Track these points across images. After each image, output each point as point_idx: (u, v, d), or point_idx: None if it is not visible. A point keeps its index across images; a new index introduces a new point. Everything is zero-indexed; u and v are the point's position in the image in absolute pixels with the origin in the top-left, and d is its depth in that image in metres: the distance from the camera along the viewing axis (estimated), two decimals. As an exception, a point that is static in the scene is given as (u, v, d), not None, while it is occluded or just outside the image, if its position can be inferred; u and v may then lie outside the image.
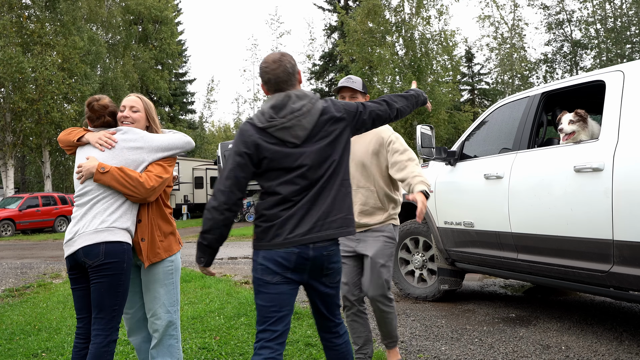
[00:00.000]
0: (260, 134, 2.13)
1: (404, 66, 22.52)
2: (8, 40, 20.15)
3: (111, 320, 2.43)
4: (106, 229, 2.42)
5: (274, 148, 2.13)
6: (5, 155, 21.49)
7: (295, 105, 2.14)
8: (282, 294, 2.15)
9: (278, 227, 2.13)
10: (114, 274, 2.42)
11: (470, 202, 4.57)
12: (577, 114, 3.64)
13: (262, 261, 2.14)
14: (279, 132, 2.13)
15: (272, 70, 2.17)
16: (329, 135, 2.20)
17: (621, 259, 3.20)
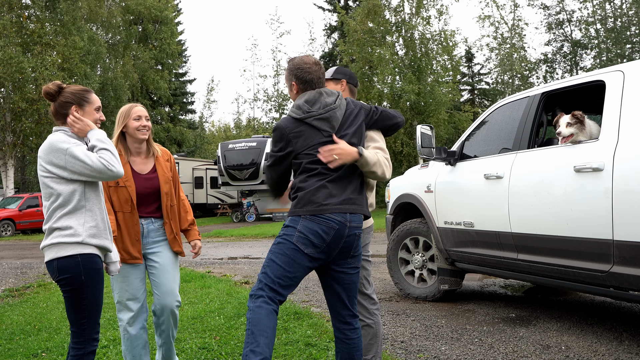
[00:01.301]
0: (298, 125, 2.42)
1: (404, 66, 22.52)
2: (8, 40, 20.15)
3: (82, 334, 2.34)
4: (56, 245, 2.29)
5: (312, 134, 2.41)
6: (5, 155, 21.49)
7: (328, 100, 2.43)
8: (304, 267, 2.34)
9: (312, 194, 2.36)
10: (73, 289, 2.29)
11: (470, 202, 4.57)
12: (574, 116, 3.64)
13: (303, 230, 2.32)
14: (317, 122, 2.40)
15: (314, 72, 2.46)
16: (352, 126, 2.49)
17: (621, 259, 3.20)
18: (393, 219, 5.79)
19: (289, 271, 2.33)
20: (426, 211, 5.11)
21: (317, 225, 2.32)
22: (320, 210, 2.33)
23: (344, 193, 2.42)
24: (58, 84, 2.41)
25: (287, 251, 2.33)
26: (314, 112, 2.39)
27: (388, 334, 4.08)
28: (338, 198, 2.38)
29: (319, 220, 2.33)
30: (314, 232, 2.31)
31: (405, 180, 5.66)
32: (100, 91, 25.06)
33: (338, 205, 2.37)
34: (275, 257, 2.36)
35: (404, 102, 22.42)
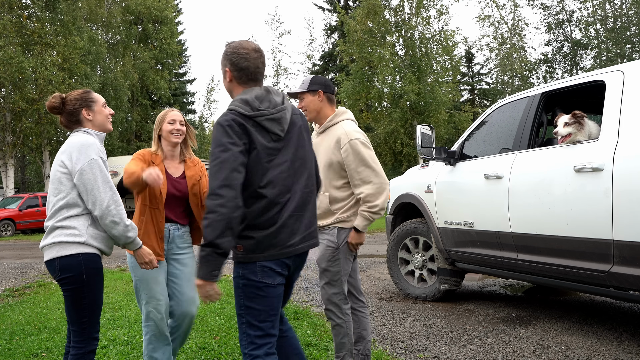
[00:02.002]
0: (248, 123, 2.01)
1: (404, 66, 22.52)
2: (8, 40, 20.13)
3: (82, 332, 2.35)
4: (58, 243, 2.29)
5: (261, 139, 2.03)
6: (5, 155, 21.48)
7: (277, 99, 2.12)
8: (279, 296, 2.10)
9: (272, 236, 2.03)
10: (75, 288, 2.30)
11: (470, 202, 4.57)
12: (572, 116, 3.65)
13: (265, 263, 2.03)
14: (268, 122, 2.05)
15: (252, 59, 2.10)
16: (299, 133, 2.20)
17: (621, 259, 3.20)
18: (393, 219, 5.79)
19: (270, 308, 2.06)
20: (426, 211, 5.11)
21: (278, 260, 2.07)
22: (283, 254, 2.06)
23: (302, 223, 2.13)
24: (59, 96, 2.45)
25: (256, 291, 2.03)
26: (264, 110, 2.05)
27: (388, 334, 4.08)
28: (300, 234, 2.11)
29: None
30: (277, 263, 2.06)
31: (405, 180, 5.66)
32: (101, 91, 24.99)
33: (300, 245, 2.11)
34: (249, 302, 2.05)
35: (404, 102, 22.42)
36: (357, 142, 2.83)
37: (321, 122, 2.98)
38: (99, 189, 2.28)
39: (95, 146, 2.35)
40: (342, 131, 2.87)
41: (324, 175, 2.88)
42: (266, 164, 2.03)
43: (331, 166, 2.88)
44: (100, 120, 2.48)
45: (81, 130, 2.43)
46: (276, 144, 2.08)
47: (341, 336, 2.91)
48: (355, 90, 22.63)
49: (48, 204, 2.39)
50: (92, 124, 2.46)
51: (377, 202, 2.83)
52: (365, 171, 2.83)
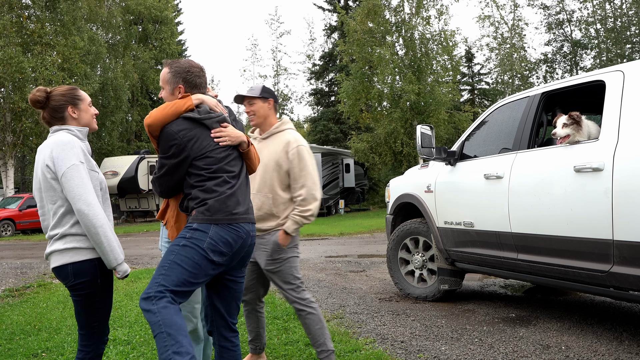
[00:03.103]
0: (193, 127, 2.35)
1: (404, 66, 22.51)
2: (8, 40, 20.13)
3: (92, 336, 2.35)
4: (71, 249, 2.25)
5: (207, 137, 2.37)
6: (5, 155, 21.48)
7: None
8: (207, 274, 2.28)
9: (222, 202, 2.31)
10: (88, 293, 2.29)
11: (470, 202, 4.57)
12: (570, 117, 3.65)
13: (215, 237, 2.26)
14: (217, 125, 2.41)
15: (202, 77, 2.51)
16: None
17: (621, 259, 3.20)
18: (393, 219, 5.79)
19: (193, 276, 2.23)
20: (426, 211, 5.11)
21: (227, 234, 2.29)
22: (231, 219, 2.31)
23: (245, 201, 2.43)
24: (44, 89, 2.37)
25: (195, 256, 2.23)
26: (213, 114, 2.41)
27: (388, 334, 4.08)
28: (244, 207, 2.39)
29: (229, 228, 2.30)
30: (224, 241, 2.28)
31: (405, 180, 5.66)
32: (100, 91, 25.05)
33: (244, 215, 2.38)
34: (180, 260, 2.22)
35: (404, 102, 22.41)
36: (304, 149, 3.05)
37: (266, 129, 3.17)
38: (79, 197, 2.19)
39: (77, 148, 2.26)
40: (292, 137, 3.08)
41: (268, 177, 3.02)
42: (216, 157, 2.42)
43: (276, 169, 3.02)
44: (86, 120, 2.41)
45: (62, 128, 2.33)
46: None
47: (316, 323, 3.04)
48: (355, 90, 22.62)
49: (47, 212, 2.31)
50: (77, 123, 2.38)
51: (311, 207, 3.02)
52: (307, 177, 3.01)
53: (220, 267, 2.32)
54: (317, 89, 35.11)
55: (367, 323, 4.44)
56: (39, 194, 2.33)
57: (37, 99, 2.33)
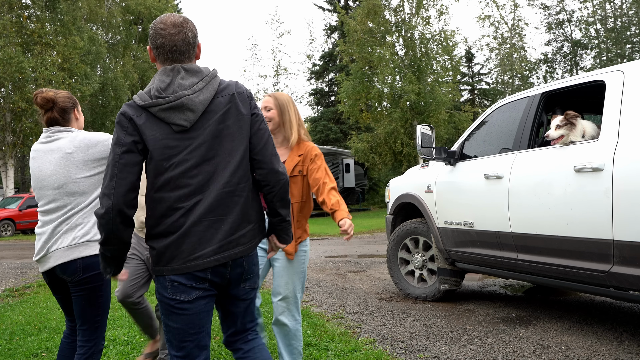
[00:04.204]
0: (141, 115, 1.78)
1: (404, 66, 22.51)
2: (8, 40, 20.14)
3: (94, 331, 2.38)
4: (82, 244, 2.32)
5: (156, 133, 1.77)
6: (5, 155, 21.48)
7: (185, 81, 1.81)
8: (201, 312, 1.84)
9: (175, 246, 1.77)
10: (94, 286, 2.34)
11: (470, 202, 4.57)
12: (564, 118, 3.66)
13: (174, 278, 1.78)
14: (163, 113, 1.77)
15: (169, 35, 1.82)
16: (221, 119, 1.84)
17: (621, 259, 3.20)
18: (393, 219, 5.79)
19: (190, 327, 1.83)
20: (426, 211, 5.11)
21: (187, 274, 1.80)
22: (189, 268, 1.78)
23: (219, 230, 1.81)
24: (52, 98, 2.43)
25: (171, 309, 1.81)
26: (161, 98, 1.77)
27: (388, 334, 4.08)
28: (216, 243, 1.80)
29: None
30: (188, 276, 1.79)
31: (405, 180, 5.66)
32: (100, 91, 25.04)
33: (215, 256, 1.80)
34: (167, 318, 1.85)
35: (404, 102, 22.41)
36: None
37: None
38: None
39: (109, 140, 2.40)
40: None
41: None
42: (163, 161, 1.78)
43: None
44: (81, 123, 2.55)
45: (67, 130, 2.42)
46: (180, 135, 1.79)
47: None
48: (355, 90, 22.62)
49: (53, 204, 2.34)
50: (77, 125, 2.51)
51: None
52: None
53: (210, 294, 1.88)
54: (317, 89, 35.12)
55: (367, 323, 4.44)
56: (46, 192, 2.35)
57: (50, 97, 2.40)
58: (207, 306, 1.86)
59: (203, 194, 1.79)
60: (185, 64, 1.85)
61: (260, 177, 1.93)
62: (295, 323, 2.84)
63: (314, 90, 35.18)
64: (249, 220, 1.89)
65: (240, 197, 1.85)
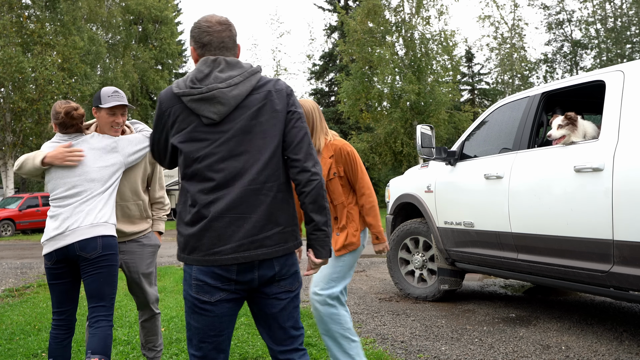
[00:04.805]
0: (176, 103, 1.80)
1: (404, 66, 22.52)
2: (8, 40, 20.13)
3: (111, 307, 2.60)
4: (102, 224, 2.56)
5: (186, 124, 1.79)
6: (5, 155, 21.48)
7: (223, 74, 1.79)
8: (224, 315, 1.81)
9: (196, 238, 1.76)
10: (111, 265, 2.58)
11: (470, 202, 4.57)
12: (565, 118, 3.66)
13: (198, 275, 1.76)
14: (194, 104, 1.76)
15: (216, 32, 1.84)
16: (254, 115, 1.80)
17: (621, 259, 3.20)
18: (393, 219, 5.79)
19: (210, 329, 1.80)
20: (426, 211, 5.11)
21: (212, 267, 1.76)
22: (208, 262, 1.75)
23: (242, 228, 1.75)
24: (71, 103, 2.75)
25: (194, 307, 1.80)
26: (194, 88, 1.76)
27: (388, 334, 4.08)
28: (236, 241, 1.74)
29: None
30: (212, 274, 1.76)
31: (405, 180, 5.66)
32: (100, 91, 25.02)
33: (233, 255, 1.74)
34: (188, 317, 1.84)
35: (404, 102, 22.42)
36: None
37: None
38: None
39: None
40: None
41: (137, 183, 2.91)
42: (191, 153, 1.78)
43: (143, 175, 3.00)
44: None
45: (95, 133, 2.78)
46: (209, 128, 1.78)
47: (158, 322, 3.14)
48: (355, 90, 22.63)
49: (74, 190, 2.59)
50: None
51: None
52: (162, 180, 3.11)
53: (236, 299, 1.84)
54: (317, 89, 35.14)
55: (367, 323, 4.44)
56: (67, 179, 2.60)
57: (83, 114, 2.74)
58: (231, 310, 1.82)
59: (227, 189, 1.75)
60: (228, 57, 1.84)
61: (293, 176, 1.86)
62: (329, 307, 2.78)
63: (314, 90, 35.21)
64: (277, 223, 1.80)
65: (266, 197, 1.78)
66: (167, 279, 7.03)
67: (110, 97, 2.73)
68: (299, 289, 1.92)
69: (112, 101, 2.72)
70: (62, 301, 2.64)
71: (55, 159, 2.59)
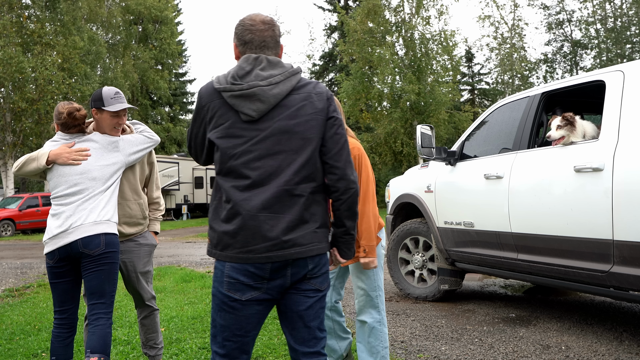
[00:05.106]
0: (215, 98, 1.81)
1: (404, 66, 22.53)
2: (8, 40, 20.14)
3: (111, 305, 2.62)
4: (104, 222, 2.60)
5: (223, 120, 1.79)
6: (5, 155, 21.48)
7: (265, 72, 1.79)
8: (252, 316, 1.81)
9: (230, 235, 1.75)
10: (113, 262, 2.60)
11: (470, 202, 4.57)
12: (563, 119, 3.67)
13: (231, 272, 1.76)
14: (234, 100, 1.77)
15: (258, 31, 1.85)
16: (293, 115, 1.80)
17: (621, 259, 3.20)
18: (393, 219, 5.79)
19: (237, 328, 1.80)
20: (426, 211, 5.11)
21: (245, 265, 1.75)
22: (241, 259, 1.75)
23: (275, 227, 1.75)
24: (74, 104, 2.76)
25: (222, 305, 1.80)
26: (235, 85, 1.76)
27: (388, 334, 4.07)
28: (267, 240, 1.74)
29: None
30: (245, 272, 1.75)
31: (405, 180, 5.66)
32: (100, 91, 25.02)
33: (266, 254, 1.74)
34: (215, 313, 1.83)
35: (404, 102, 22.43)
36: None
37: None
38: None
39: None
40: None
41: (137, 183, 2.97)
42: (228, 149, 1.77)
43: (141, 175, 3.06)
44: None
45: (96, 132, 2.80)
46: (248, 125, 1.77)
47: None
48: (355, 90, 22.65)
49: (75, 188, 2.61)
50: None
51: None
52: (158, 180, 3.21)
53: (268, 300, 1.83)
54: (317, 89, 35.07)
55: (367, 323, 4.44)
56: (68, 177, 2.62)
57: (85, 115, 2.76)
58: (260, 313, 1.82)
59: (262, 187, 1.75)
60: (270, 56, 1.85)
61: (331, 182, 1.86)
62: (374, 321, 2.79)
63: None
64: (310, 223, 1.80)
65: (300, 198, 1.78)
66: (167, 279, 7.03)
67: (113, 99, 2.72)
68: (327, 290, 1.92)
69: (117, 104, 2.72)
70: (64, 300, 2.64)
71: (60, 157, 2.61)
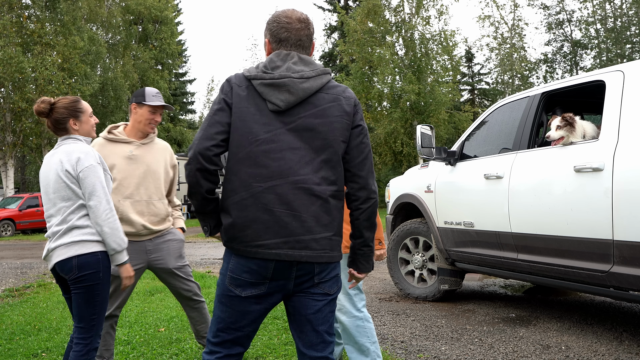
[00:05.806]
0: (242, 85, 1.78)
1: (404, 66, 22.53)
2: (8, 40, 20.14)
3: (91, 329, 2.42)
4: (77, 242, 2.38)
5: (250, 106, 1.75)
6: (5, 155, 21.48)
7: (297, 67, 1.77)
8: (250, 313, 1.79)
9: (240, 228, 1.72)
10: (90, 285, 2.38)
11: (470, 202, 4.57)
12: (563, 119, 3.67)
13: (235, 268, 1.75)
14: (263, 88, 1.74)
15: (295, 30, 1.82)
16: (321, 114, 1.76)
17: (621, 259, 3.20)
18: (393, 219, 5.79)
19: (231, 322, 1.79)
20: (426, 211, 5.11)
21: (250, 261, 1.72)
22: (248, 253, 1.71)
23: (290, 225, 1.71)
24: (48, 101, 2.48)
25: (222, 297, 1.80)
26: (267, 74, 1.75)
27: (388, 334, 4.08)
28: (279, 237, 1.69)
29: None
30: (248, 270, 1.73)
31: (405, 180, 5.66)
32: (100, 91, 25.05)
33: (275, 250, 1.69)
34: (215, 303, 1.84)
35: (404, 102, 22.43)
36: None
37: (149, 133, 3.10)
38: (97, 196, 2.38)
39: (92, 153, 2.45)
40: (169, 148, 3.22)
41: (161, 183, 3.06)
42: (248, 134, 1.73)
43: (166, 177, 3.13)
44: (86, 130, 2.55)
45: (71, 138, 2.49)
46: (274, 115, 1.74)
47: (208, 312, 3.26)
48: (355, 90, 22.64)
49: (54, 209, 2.43)
50: (78, 133, 2.52)
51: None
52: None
53: (268, 298, 1.80)
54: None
55: (367, 323, 4.44)
56: (48, 196, 2.45)
57: (41, 110, 2.47)
58: (258, 311, 1.79)
59: (280, 179, 1.71)
60: (302, 54, 1.83)
61: (352, 190, 1.83)
62: (356, 319, 2.76)
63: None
64: (326, 228, 1.75)
65: (318, 199, 1.73)
66: (167, 279, 7.02)
67: (154, 96, 2.94)
68: (337, 294, 1.88)
69: (157, 101, 2.90)
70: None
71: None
